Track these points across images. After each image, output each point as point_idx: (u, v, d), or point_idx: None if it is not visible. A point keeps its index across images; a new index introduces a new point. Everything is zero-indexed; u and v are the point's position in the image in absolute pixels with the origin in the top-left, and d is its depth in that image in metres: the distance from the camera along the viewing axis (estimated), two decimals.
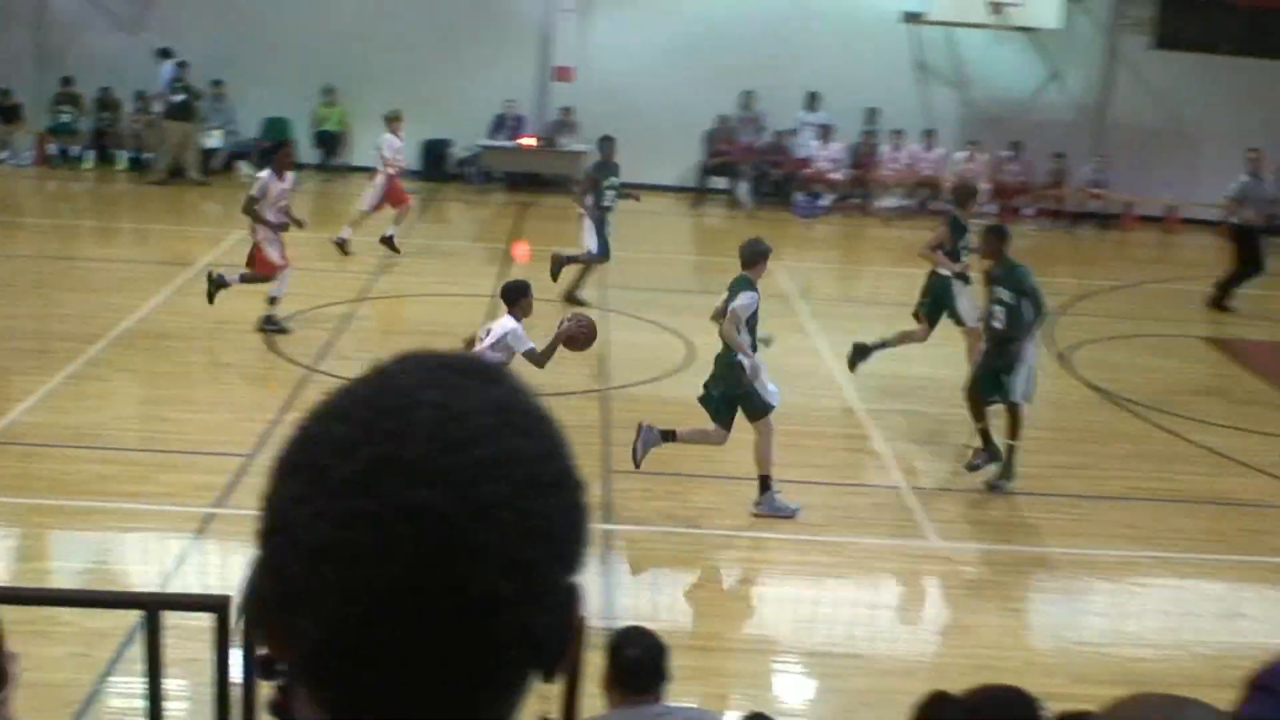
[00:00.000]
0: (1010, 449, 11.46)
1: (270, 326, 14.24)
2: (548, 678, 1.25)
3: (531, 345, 10.41)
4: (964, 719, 3.98)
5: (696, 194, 23.88)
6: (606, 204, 16.55)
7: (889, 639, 9.03)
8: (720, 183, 24.16)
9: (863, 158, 24.21)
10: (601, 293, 16.87)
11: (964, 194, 14.51)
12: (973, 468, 11.47)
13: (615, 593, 9.29)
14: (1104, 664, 8.71)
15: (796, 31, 23.84)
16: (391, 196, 18.23)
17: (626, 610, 8.91)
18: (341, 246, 17.72)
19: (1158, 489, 11.86)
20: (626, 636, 5.69)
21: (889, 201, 24.05)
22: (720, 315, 10.56)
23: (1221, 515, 11.37)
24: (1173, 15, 24.73)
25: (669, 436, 10.64)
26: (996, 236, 11.83)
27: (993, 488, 11.37)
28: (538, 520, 1.18)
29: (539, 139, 23.85)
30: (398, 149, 18.47)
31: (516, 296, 10.58)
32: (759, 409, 10.38)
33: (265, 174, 14.47)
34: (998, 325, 11.50)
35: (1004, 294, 11.45)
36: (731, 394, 10.43)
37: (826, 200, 23.88)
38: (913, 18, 23.77)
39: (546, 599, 1.20)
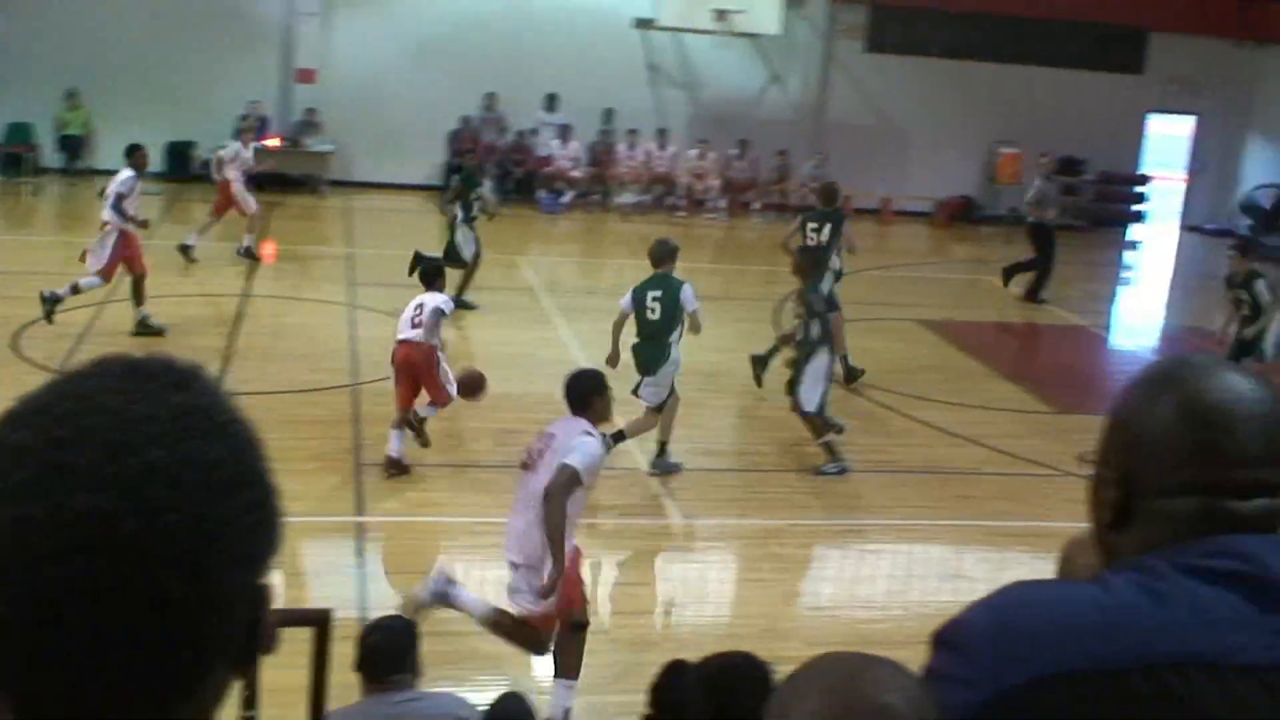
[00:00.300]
0: (826, 445, 11.67)
1: (48, 306, 13.69)
2: (241, 676, 1.23)
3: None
4: (698, 684, 3.96)
5: (442, 192, 23.58)
6: (474, 214, 16.45)
7: (634, 613, 9.03)
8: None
9: (600, 156, 24.28)
10: (350, 289, 16.54)
11: (831, 193, 14.84)
12: (820, 472, 11.59)
13: (369, 583, 9.08)
14: (836, 626, 8.87)
15: (535, 36, 23.79)
16: (220, 205, 17.91)
17: (381, 600, 8.70)
18: (250, 254, 17.72)
19: (881, 461, 12.15)
20: (372, 625, 5.55)
21: (626, 198, 24.18)
22: (624, 317, 11.35)
23: (938, 483, 11.71)
24: (883, 21, 25.45)
25: (619, 438, 10.96)
26: (811, 260, 12.30)
27: (820, 472, 11.57)
28: (212, 523, 1.16)
29: (283, 139, 23.25)
30: (246, 158, 18.17)
31: (433, 278, 11.55)
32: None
33: (130, 174, 14.17)
34: (799, 337, 11.87)
35: (799, 310, 11.91)
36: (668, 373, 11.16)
37: (568, 197, 23.87)
38: (643, 23, 23.93)
39: (226, 600, 1.18)
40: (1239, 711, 1.68)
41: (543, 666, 8.41)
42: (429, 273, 11.69)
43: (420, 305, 11.03)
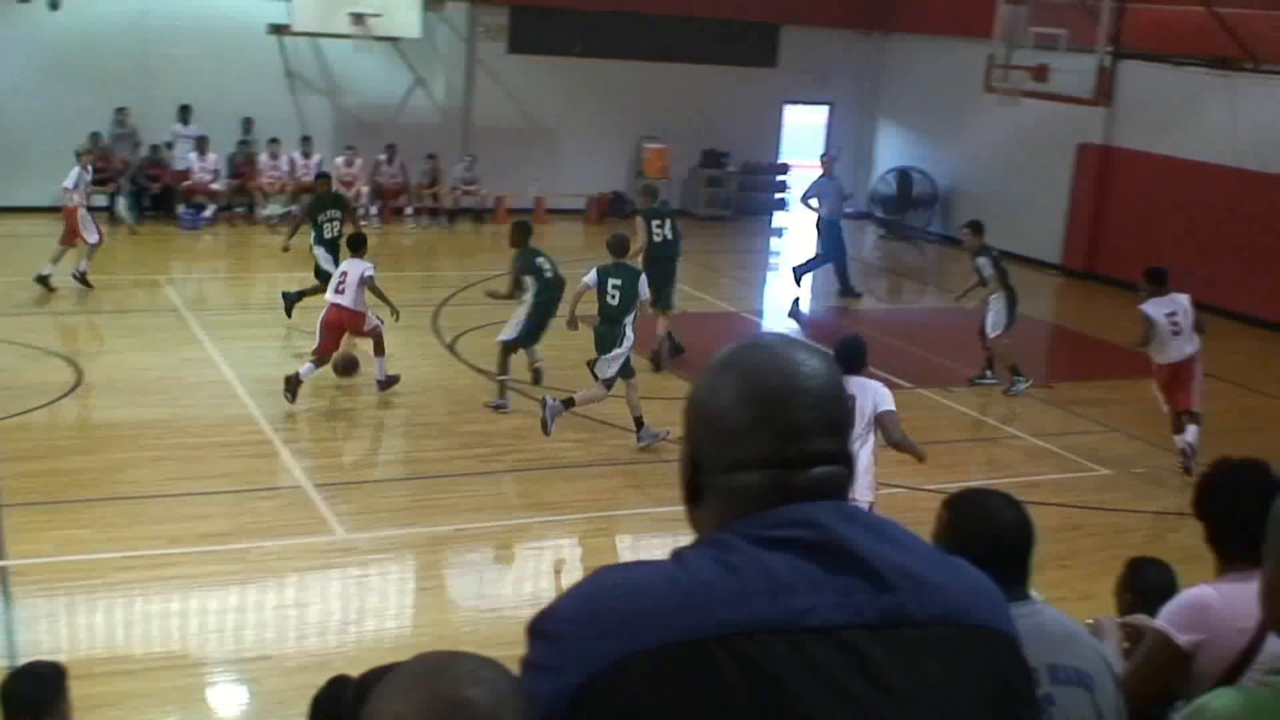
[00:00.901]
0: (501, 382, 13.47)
1: None
2: None
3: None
4: (356, 698, 3.93)
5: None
6: (329, 236, 15.84)
7: (301, 636, 8.84)
8: (99, 199, 22.89)
9: (241, 167, 23.63)
10: None
11: (654, 190, 16.70)
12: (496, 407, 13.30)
13: (19, 629, 8.62)
14: (509, 627, 8.86)
15: (166, 46, 22.97)
16: (68, 234, 17.32)
17: (32, 646, 8.29)
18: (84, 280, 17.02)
19: (543, 459, 12.26)
20: (15, 671, 5.29)
21: (273, 209, 23.58)
22: (584, 290, 12.62)
23: (608, 475, 11.92)
24: (524, 22, 25.64)
25: (568, 404, 12.31)
26: (521, 230, 13.93)
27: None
28: None
29: None
30: (87, 182, 17.67)
31: (358, 246, 13.71)
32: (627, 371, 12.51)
33: None
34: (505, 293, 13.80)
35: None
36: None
37: (210, 211, 23.14)
38: (278, 29, 23.42)
39: None
40: (814, 671, 1.76)
41: (213, 702, 8.18)
42: (354, 242, 13.73)
43: (345, 273, 13.32)
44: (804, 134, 30.10)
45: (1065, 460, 13.21)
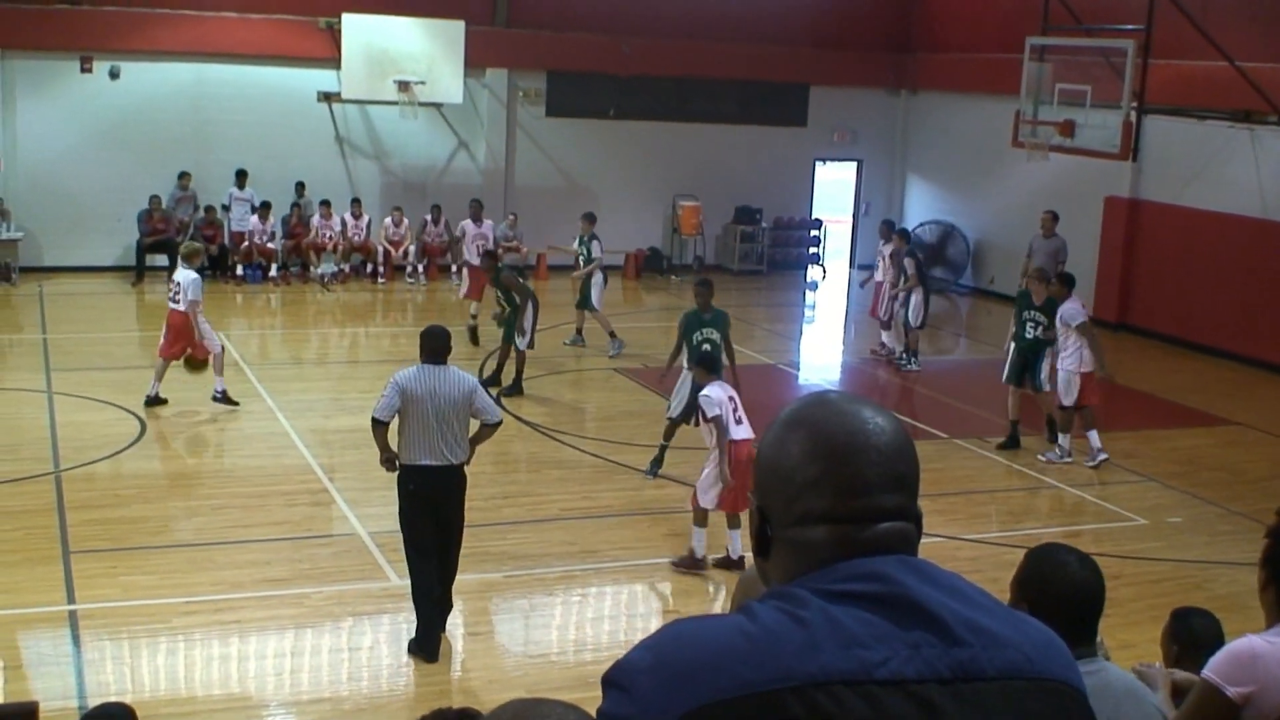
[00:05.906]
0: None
1: None
2: None
3: None
4: None
5: (136, 272, 22.78)
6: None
7: (359, 679, 8.84)
8: (160, 259, 23.15)
9: (294, 228, 23.83)
10: (46, 376, 15.80)
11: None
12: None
13: (88, 671, 8.67)
14: (558, 672, 8.89)
15: (221, 113, 23.33)
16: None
17: (100, 687, 8.34)
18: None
19: (590, 507, 12.26)
20: (88, 713, 5.30)
21: (326, 267, 23.78)
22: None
23: (647, 523, 11.89)
24: (560, 87, 25.88)
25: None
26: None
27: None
28: None
29: None
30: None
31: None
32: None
33: None
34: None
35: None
36: None
37: (274, 270, 23.35)
38: (328, 97, 23.74)
39: None
40: None
41: None
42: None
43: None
44: (834, 190, 30.20)
45: (1102, 510, 13.06)
